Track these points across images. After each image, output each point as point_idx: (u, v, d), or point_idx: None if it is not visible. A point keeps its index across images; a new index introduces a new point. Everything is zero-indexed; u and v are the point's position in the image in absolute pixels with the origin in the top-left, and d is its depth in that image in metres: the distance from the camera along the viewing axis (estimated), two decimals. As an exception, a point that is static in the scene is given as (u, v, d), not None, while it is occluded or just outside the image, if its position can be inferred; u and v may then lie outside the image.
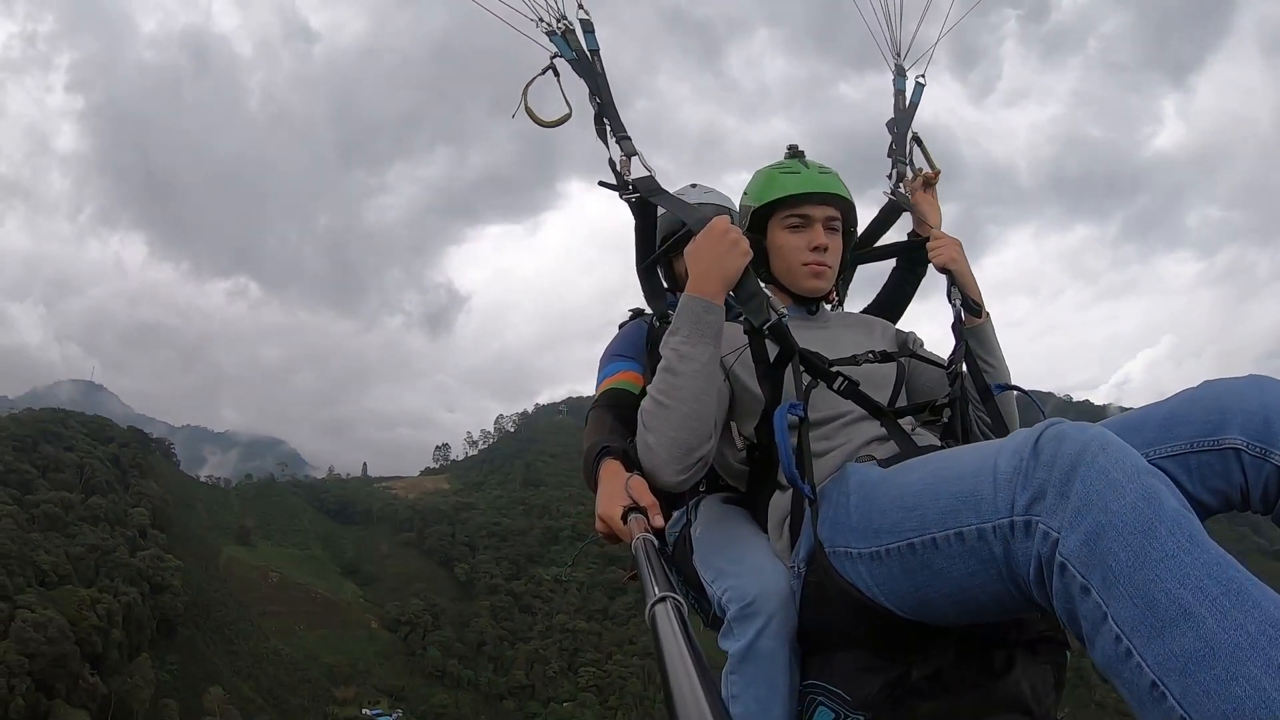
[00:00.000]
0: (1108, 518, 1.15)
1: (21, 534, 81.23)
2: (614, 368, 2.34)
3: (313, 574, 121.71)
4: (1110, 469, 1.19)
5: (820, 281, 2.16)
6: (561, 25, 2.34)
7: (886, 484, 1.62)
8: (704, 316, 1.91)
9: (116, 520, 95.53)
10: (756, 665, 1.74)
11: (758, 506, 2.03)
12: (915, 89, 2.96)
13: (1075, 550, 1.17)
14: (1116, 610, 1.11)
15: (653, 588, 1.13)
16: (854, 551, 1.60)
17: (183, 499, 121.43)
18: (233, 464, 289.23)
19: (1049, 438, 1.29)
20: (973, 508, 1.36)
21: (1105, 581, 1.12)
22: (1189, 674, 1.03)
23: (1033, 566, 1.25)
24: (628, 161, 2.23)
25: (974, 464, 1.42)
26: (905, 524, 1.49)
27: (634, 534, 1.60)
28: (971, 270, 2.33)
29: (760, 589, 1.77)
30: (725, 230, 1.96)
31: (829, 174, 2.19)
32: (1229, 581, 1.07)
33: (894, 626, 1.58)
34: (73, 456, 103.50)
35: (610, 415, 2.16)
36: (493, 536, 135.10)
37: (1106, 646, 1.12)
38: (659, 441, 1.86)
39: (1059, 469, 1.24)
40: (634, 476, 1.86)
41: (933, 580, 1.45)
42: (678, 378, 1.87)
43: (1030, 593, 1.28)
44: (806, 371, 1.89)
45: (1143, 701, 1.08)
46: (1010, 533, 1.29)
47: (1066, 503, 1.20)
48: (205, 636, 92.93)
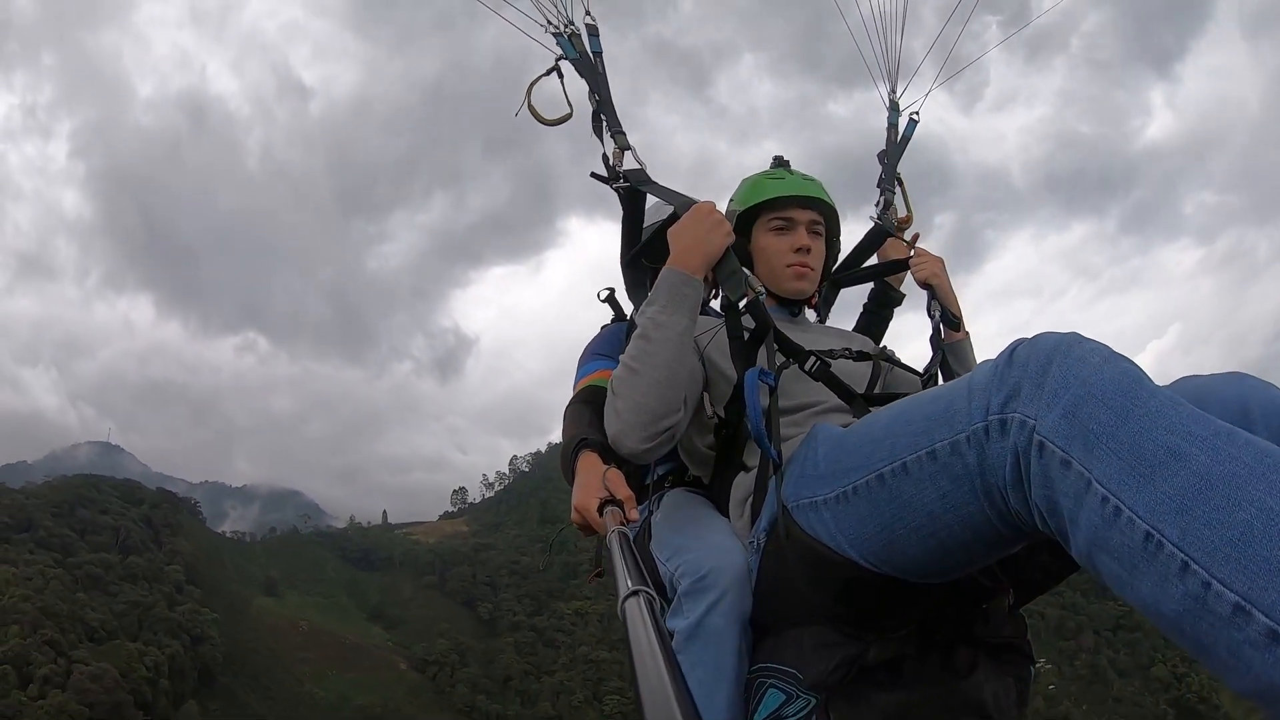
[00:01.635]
0: (1086, 389, 1.10)
1: (69, 594, 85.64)
2: (593, 365, 2.35)
3: (340, 620, 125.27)
4: (1087, 355, 1.14)
5: (803, 283, 2.20)
6: (569, 29, 2.42)
7: (856, 428, 1.58)
8: (681, 289, 1.91)
9: (153, 578, 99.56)
10: (704, 644, 1.64)
11: (721, 494, 2.02)
12: (909, 125, 3.02)
13: (1054, 425, 1.10)
14: (1100, 471, 1.03)
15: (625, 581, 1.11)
16: (819, 499, 1.52)
17: (211, 554, 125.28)
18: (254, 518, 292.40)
19: (1023, 346, 1.23)
20: (946, 422, 1.28)
21: (1087, 446, 1.06)
22: (1186, 511, 0.95)
23: (1009, 464, 1.16)
24: (620, 155, 2.30)
25: (947, 388, 1.37)
26: (875, 456, 1.41)
27: (609, 527, 1.55)
28: (952, 288, 2.39)
29: (715, 563, 1.72)
30: (710, 211, 2.01)
31: (813, 181, 2.27)
32: (1217, 426, 1.02)
33: (856, 590, 1.50)
34: (108, 519, 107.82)
35: (589, 410, 2.14)
36: (513, 575, 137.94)
37: (1092, 515, 1.04)
38: (626, 406, 1.83)
39: (1034, 365, 1.17)
40: (611, 469, 1.83)
41: (901, 513, 1.36)
42: (650, 344, 1.86)
43: (1006, 501, 1.20)
44: (780, 350, 1.90)
45: (1136, 564, 0.99)
46: (985, 436, 1.21)
47: (1043, 390, 1.14)
48: (243, 684, 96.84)
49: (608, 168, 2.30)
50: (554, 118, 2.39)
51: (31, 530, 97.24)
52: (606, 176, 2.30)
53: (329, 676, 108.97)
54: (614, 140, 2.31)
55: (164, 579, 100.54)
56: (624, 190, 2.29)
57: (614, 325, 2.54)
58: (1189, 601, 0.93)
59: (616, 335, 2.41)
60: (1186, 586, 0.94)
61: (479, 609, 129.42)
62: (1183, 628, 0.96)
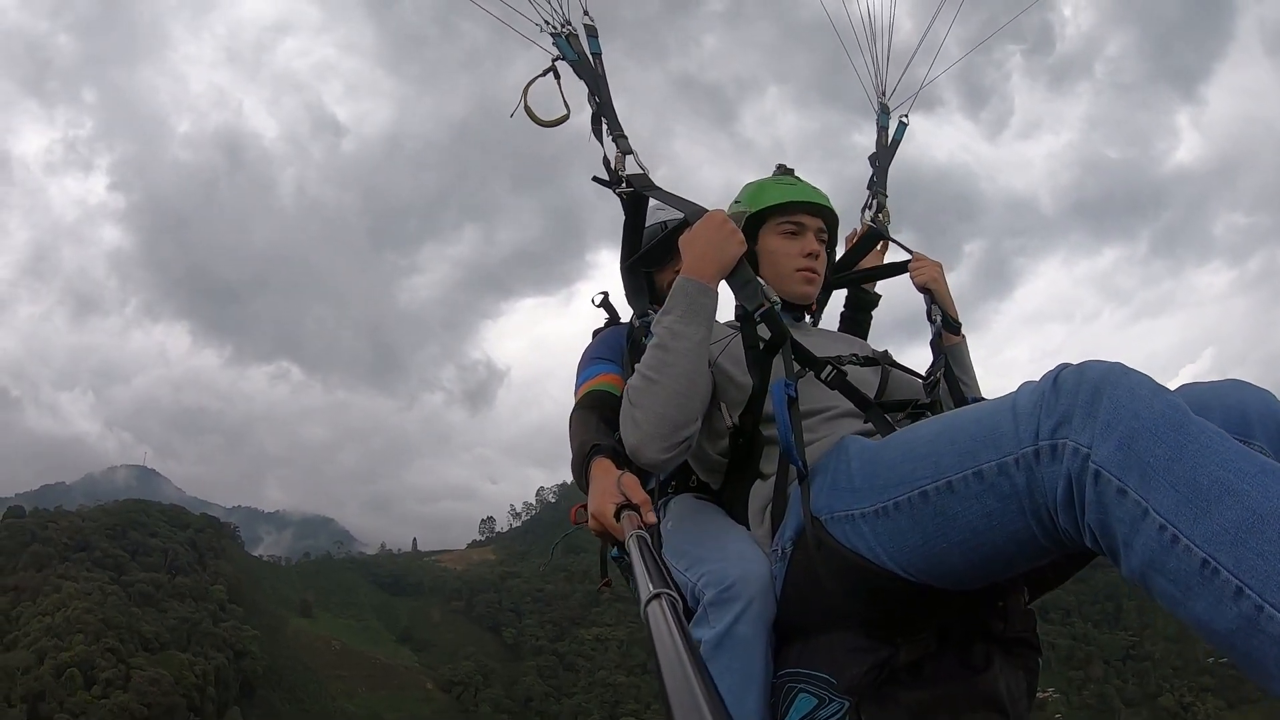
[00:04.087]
0: (1139, 423, 1.15)
1: (126, 608, 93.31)
2: (594, 370, 2.33)
3: (371, 642, 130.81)
4: (1135, 387, 1.20)
5: (811, 288, 2.22)
6: (566, 30, 2.38)
7: (892, 443, 1.59)
8: (698, 298, 1.90)
9: (199, 596, 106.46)
10: (732, 653, 1.64)
11: (734, 502, 2.00)
12: (898, 128, 3.07)
13: (1109, 456, 1.16)
14: (1158, 501, 1.11)
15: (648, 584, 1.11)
16: (857, 513, 1.54)
17: (250, 577, 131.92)
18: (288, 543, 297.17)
19: (1068, 373, 1.28)
20: (992, 445, 1.33)
21: (1143, 478, 1.12)
22: (1240, 543, 1.03)
23: (1061, 487, 1.22)
24: (622, 159, 2.28)
25: (989, 409, 1.40)
26: (918, 473, 1.45)
27: (627, 531, 1.58)
28: (949, 292, 2.41)
29: (741, 573, 1.71)
30: (723, 221, 1.99)
31: (819, 191, 2.29)
32: (1262, 462, 1.10)
33: (890, 598, 1.53)
34: (157, 542, 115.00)
35: (594, 416, 2.15)
36: (537, 601, 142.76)
37: (1148, 541, 1.11)
38: (646, 417, 1.81)
39: (1083, 394, 1.23)
40: (625, 473, 1.85)
41: (945, 528, 1.40)
42: (669, 354, 1.84)
43: (1055, 519, 1.26)
44: (796, 359, 1.89)
45: (1190, 586, 1.07)
46: (1035, 460, 1.26)
47: (1095, 420, 1.19)
48: (280, 697, 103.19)
49: (609, 172, 2.29)
50: (551, 119, 2.38)
51: (88, 550, 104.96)
52: (609, 181, 2.29)
53: (360, 694, 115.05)
54: (615, 144, 2.30)
55: (209, 598, 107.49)
56: (627, 195, 2.27)
57: (611, 329, 2.58)
58: (1241, 621, 1.03)
59: (615, 338, 2.43)
60: (1240, 609, 1.03)
61: (504, 634, 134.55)
62: (1234, 643, 1.05)
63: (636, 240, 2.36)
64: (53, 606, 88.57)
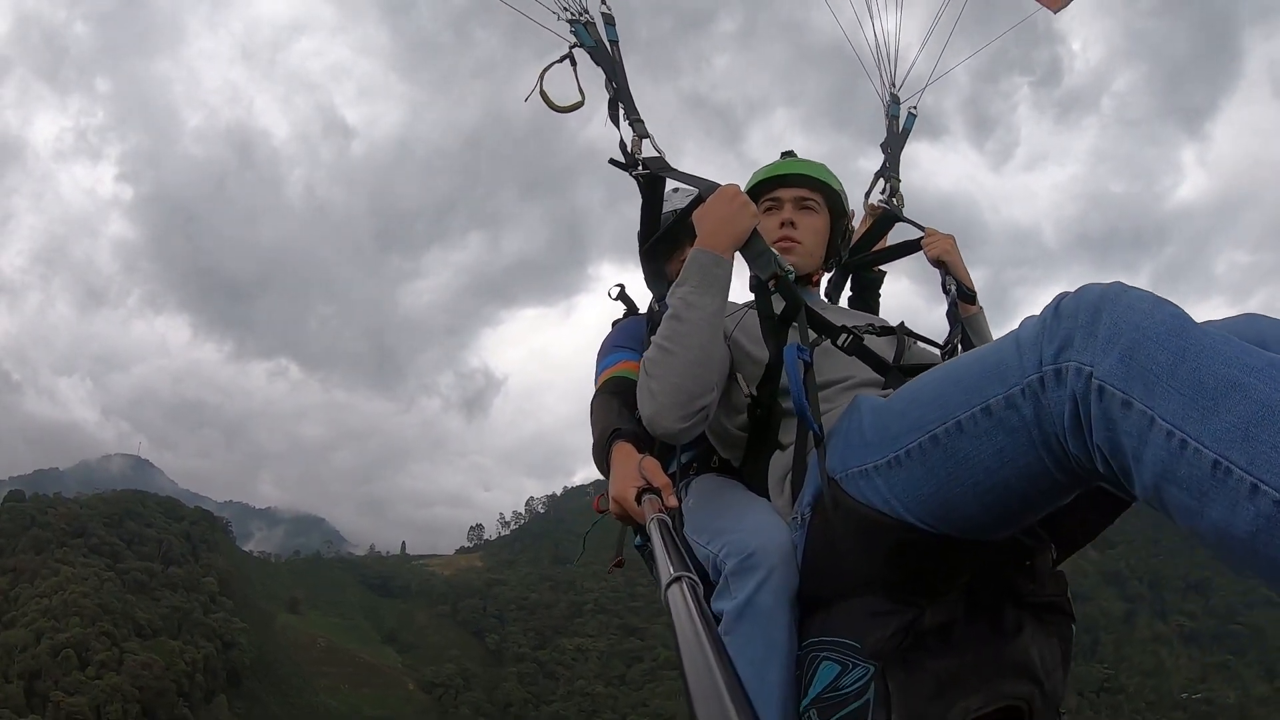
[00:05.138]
0: (1140, 334, 1.13)
1: (120, 595, 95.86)
2: (615, 357, 2.34)
3: (356, 641, 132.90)
4: (1135, 302, 1.17)
5: (790, 257, 2.17)
6: (584, 17, 2.39)
7: (901, 393, 1.58)
8: (712, 269, 1.90)
9: (191, 587, 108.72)
10: (754, 622, 1.61)
11: (755, 475, 1.99)
12: (908, 118, 3.12)
13: (1112, 369, 1.13)
14: (1163, 408, 1.07)
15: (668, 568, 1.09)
16: (870, 466, 1.50)
17: (241, 571, 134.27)
18: (278, 540, 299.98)
19: (1068, 299, 1.25)
20: (998, 378, 1.30)
21: (1147, 386, 1.09)
22: (1251, 438, 1.00)
23: (1068, 411, 1.19)
24: (639, 142, 2.30)
25: (993, 345, 1.38)
26: (926, 417, 1.41)
27: (648, 515, 1.57)
28: (964, 263, 2.42)
29: (761, 542, 1.69)
30: (736, 193, 2.01)
31: (810, 163, 2.31)
32: (1270, 358, 1.06)
33: (909, 553, 1.49)
34: (151, 532, 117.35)
35: (617, 400, 2.15)
36: (521, 609, 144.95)
37: (1157, 450, 1.07)
38: (661, 387, 1.82)
39: (1083, 315, 1.20)
40: (647, 458, 1.84)
41: (957, 471, 1.36)
42: (684, 324, 1.85)
43: (1065, 448, 1.22)
44: (811, 327, 1.87)
45: (1205, 491, 1.03)
46: (1040, 387, 1.23)
47: (1095, 338, 1.17)
48: (266, 689, 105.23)
49: (626, 155, 2.30)
50: (566, 105, 2.39)
51: (85, 537, 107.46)
52: (625, 164, 2.30)
53: (343, 690, 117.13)
54: (632, 128, 2.31)
55: (200, 589, 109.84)
56: (643, 177, 2.28)
57: (631, 318, 2.58)
58: (1261, 521, 0.98)
59: (636, 327, 2.43)
60: (1258, 507, 0.98)
61: (487, 639, 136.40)
62: (1256, 546, 0.99)
63: (654, 224, 2.39)
64: (51, 589, 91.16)
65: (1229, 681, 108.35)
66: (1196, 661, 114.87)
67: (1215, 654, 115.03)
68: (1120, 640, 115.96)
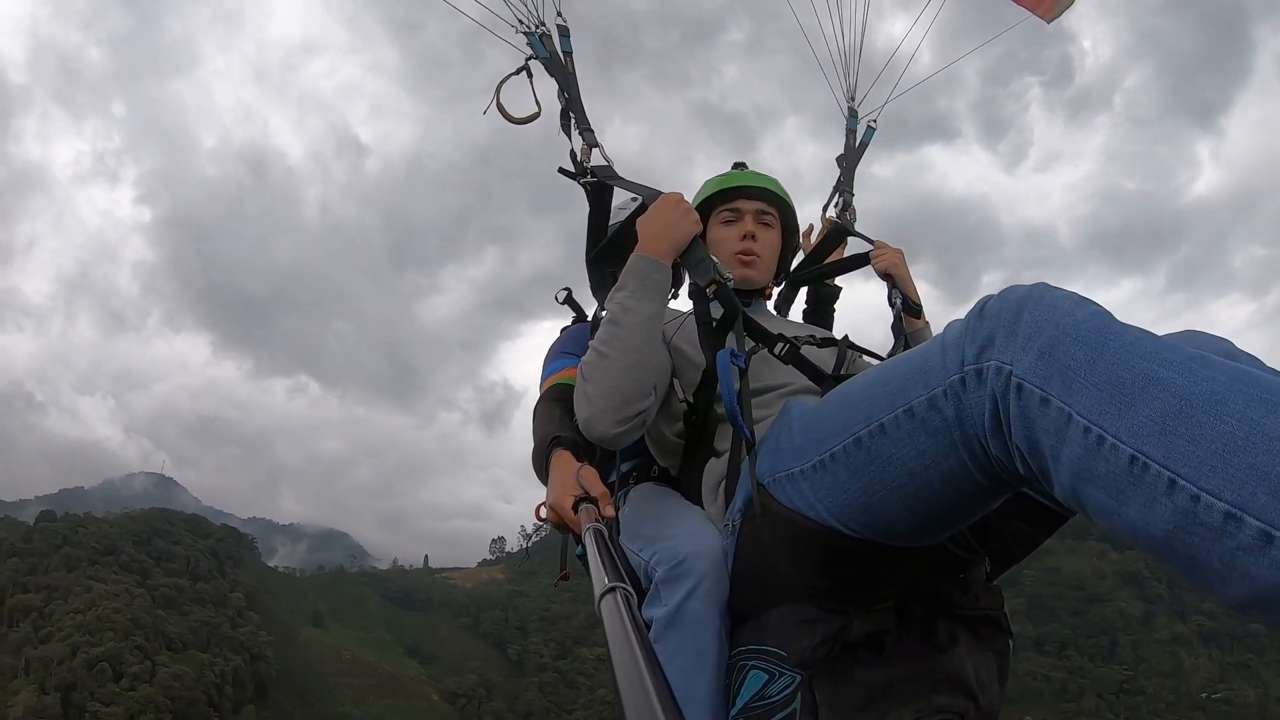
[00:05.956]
0: (1060, 331, 1.11)
1: (151, 610, 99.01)
2: (559, 364, 2.34)
3: (379, 653, 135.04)
4: (1057, 300, 1.16)
5: (750, 270, 2.22)
6: (539, 29, 2.43)
7: (831, 397, 1.56)
8: (650, 274, 1.91)
9: (218, 602, 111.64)
10: (683, 631, 1.61)
11: (691, 483, 2.00)
12: (866, 132, 3.16)
13: (1030, 367, 1.11)
14: (1081, 404, 1.05)
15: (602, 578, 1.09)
16: (795, 470, 1.49)
17: (266, 586, 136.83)
18: (302, 555, 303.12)
19: (993, 300, 1.23)
20: (922, 379, 1.28)
21: (1065, 382, 1.07)
22: (1169, 431, 0.97)
23: (988, 410, 1.17)
24: (589, 151, 2.32)
25: (921, 348, 1.36)
26: (851, 420, 1.40)
27: (584, 524, 1.56)
28: (911, 278, 2.45)
29: (692, 549, 1.69)
30: (678, 201, 2.03)
31: (764, 176, 2.33)
32: (1190, 353, 1.03)
33: (837, 560, 1.47)
34: (179, 549, 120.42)
35: (559, 408, 2.14)
36: (543, 620, 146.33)
37: (1074, 447, 1.04)
38: (598, 391, 1.82)
39: (1006, 314, 1.18)
40: (585, 466, 1.83)
41: (881, 474, 1.34)
42: (620, 329, 1.85)
43: (986, 450, 1.20)
44: (749, 335, 1.88)
45: (1122, 489, 1.00)
46: (961, 387, 1.21)
47: (1016, 337, 1.15)
48: (292, 699, 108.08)
49: (575, 164, 2.32)
50: (522, 116, 2.40)
51: (115, 554, 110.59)
52: (574, 172, 2.32)
53: (367, 701, 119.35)
54: (583, 137, 2.33)
55: (227, 604, 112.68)
56: (591, 185, 2.31)
57: (578, 325, 2.59)
58: (1179, 517, 0.94)
59: (582, 334, 2.43)
60: (1175, 503, 0.95)
61: (509, 650, 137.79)
62: (1174, 545, 0.96)
63: (601, 232, 2.41)
64: (84, 605, 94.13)
65: (1249, 681, 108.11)
66: (1216, 661, 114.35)
67: (1235, 654, 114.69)
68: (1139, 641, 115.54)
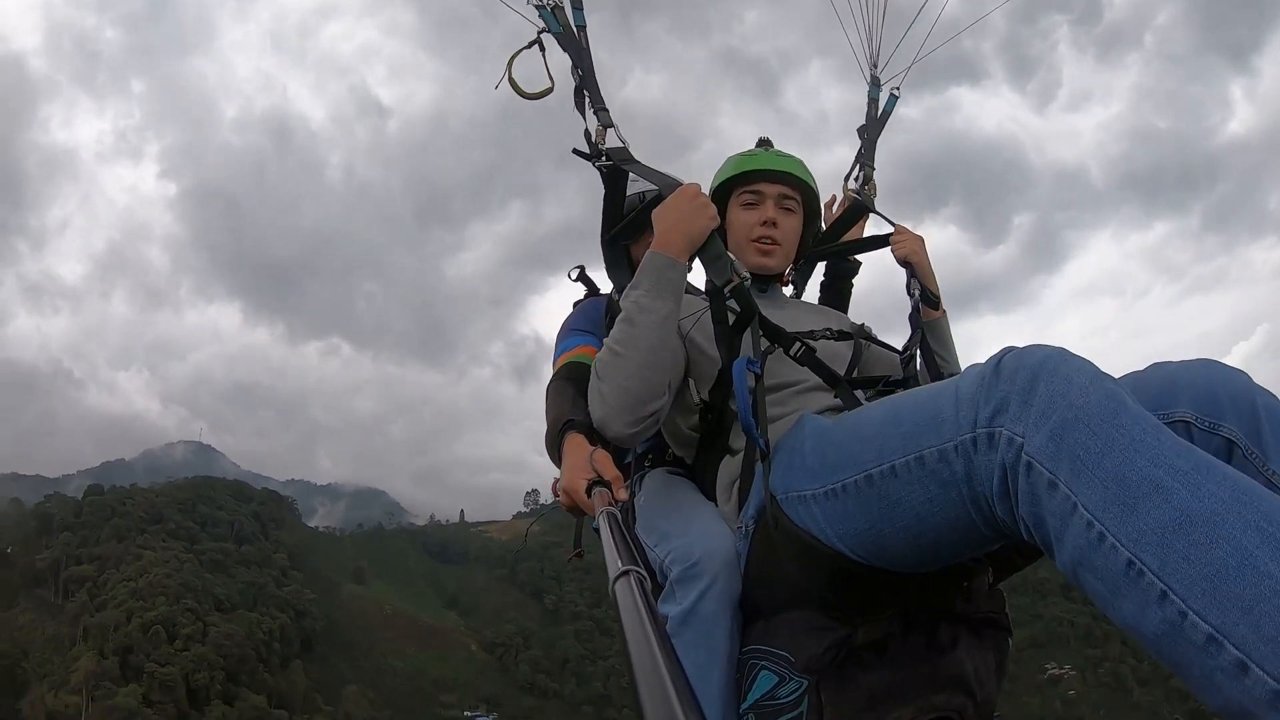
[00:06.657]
0: (1073, 413, 1.12)
1: (200, 573, 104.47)
2: (572, 341, 2.30)
3: (419, 606, 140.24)
4: (1072, 375, 1.17)
5: (768, 259, 2.17)
6: (551, 1, 2.35)
7: (844, 423, 1.58)
8: (666, 272, 1.89)
9: (263, 563, 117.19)
10: (696, 629, 1.66)
11: (705, 476, 2.00)
12: (889, 100, 3.02)
13: (1041, 447, 1.13)
14: (1086, 497, 1.07)
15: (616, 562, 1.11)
16: (808, 493, 1.52)
17: (308, 546, 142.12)
18: (340, 514, 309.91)
19: (1010, 357, 1.25)
20: (934, 429, 1.30)
21: (1074, 470, 1.09)
22: (1166, 544, 1.00)
23: (996, 477, 1.20)
24: (603, 132, 2.27)
25: (935, 391, 1.38)
26: (863, 455, 1.43)
27: (598, 508, 1.56)
28: (931, 266, 2.35)
29: (705, 549, 1.73)
30: (695, 194, 1.98)
31: (789, 158, 2.24)
32: (1198, 459, 1.06)
33: (845, 579, 1.52)
34: (224, 514, 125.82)
35: (571, 388, 2.09)
36: (577, 570, 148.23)
37: (1077, 537, 1.08)
38: (611, 390, 1.83)
39: (1021, 380, 1.20)
40: (598, 450, 1.81)
41: (889, 513, 1.38)
42: (635, 328, 1.85)
43: (992, 509, 1.23)
44: (765, 336, 1.88)
45: (1118, 587, 1.04)
46: (973, 447, 1.23)
47: (1030, 409, 1.17)
48: (336, 653, 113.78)
49: (590, 145, 2.28)
50: (534, 92, 2.35)
51: (163, 523, 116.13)
52: (589, 154, 2.28)
53: (408, 653, 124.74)
54: (597, 117, 2.28)
55: (271, 565, 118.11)
56: (606, 169, 2.27)
57: (590, 300, 2.55)
58: (1166, 626, 0.98)
59: (594, 309, 2.40)
60: (1164, 613, 0.98)
61: (545, 600, 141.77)
62: (1161, 648, 1.01)
63: (616, 214, 2.37)
64: (136, 573, 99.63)
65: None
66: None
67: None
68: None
